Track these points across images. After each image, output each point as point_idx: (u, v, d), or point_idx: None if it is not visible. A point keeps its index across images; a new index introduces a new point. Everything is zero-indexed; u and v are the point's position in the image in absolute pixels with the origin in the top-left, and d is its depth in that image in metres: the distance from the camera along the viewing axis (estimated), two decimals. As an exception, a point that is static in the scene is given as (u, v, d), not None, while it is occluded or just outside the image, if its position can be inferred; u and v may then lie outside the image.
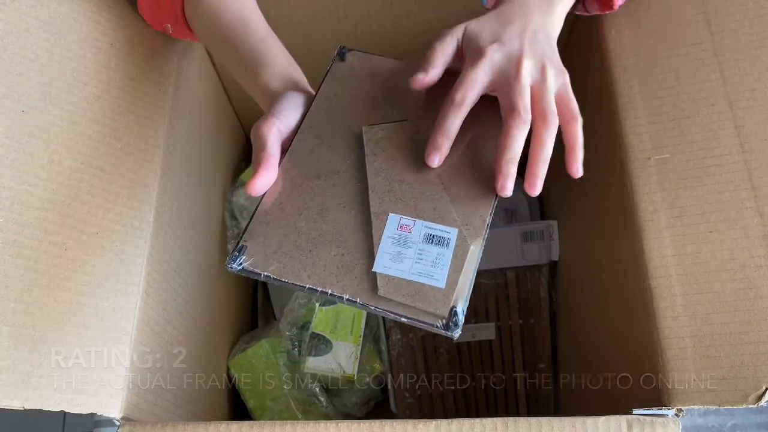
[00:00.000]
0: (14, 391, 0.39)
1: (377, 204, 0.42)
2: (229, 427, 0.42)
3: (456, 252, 0.40)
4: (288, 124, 0.45)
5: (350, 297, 0.39)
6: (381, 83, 0.48)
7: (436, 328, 0.37)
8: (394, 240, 0.40)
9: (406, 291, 0.38)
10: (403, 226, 0.41)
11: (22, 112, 0.44)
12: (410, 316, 0.38)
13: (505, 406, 0.71)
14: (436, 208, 0.41)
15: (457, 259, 0.39)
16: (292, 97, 0.46)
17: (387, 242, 0.40)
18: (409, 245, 0.40)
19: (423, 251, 0.40)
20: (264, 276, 0.40)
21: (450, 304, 0.38)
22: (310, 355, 0.70)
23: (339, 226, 0.41)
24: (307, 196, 0.42)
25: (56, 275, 0.43)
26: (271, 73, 0.48)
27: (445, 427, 0.41)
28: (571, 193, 0.68)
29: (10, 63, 0.44)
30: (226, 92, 0.75)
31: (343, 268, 0.40)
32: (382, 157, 0.44)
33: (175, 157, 0.54)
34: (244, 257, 0.40)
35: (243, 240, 0.41)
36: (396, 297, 0.38)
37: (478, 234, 0.40)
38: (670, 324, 0.43)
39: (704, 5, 0.50)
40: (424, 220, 0.41)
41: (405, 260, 0.39)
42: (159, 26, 0.54)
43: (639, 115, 0.49)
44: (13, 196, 0.42)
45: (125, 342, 0.44)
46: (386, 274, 0.39)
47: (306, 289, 0.39)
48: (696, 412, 0.54)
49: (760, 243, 0.44)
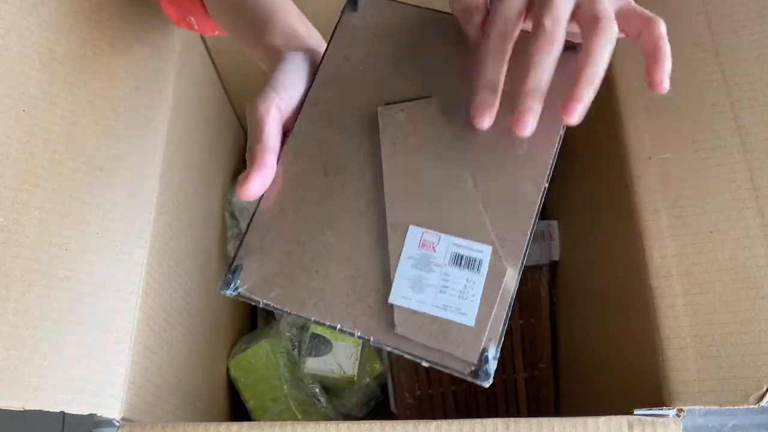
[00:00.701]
0: (14, 391, 0.39)
1: (395, 212, 0.35)
2: (229, 427, 0.41)
3: (489, 277, 0.33)
4: (290, 100, 0.38)
5: (362, 334, 0.33)
6: (402, 40, 0.39)
7: (464, 375, 0.32)
8: (414, 262, 0.34)
9: (428, 329, 0.32)
10: (425, 242, 0.34)
11: (22, 112, 0.44)
12: (434, 360, 0.32)
13: (505, 407, 0.71)
14: (466, 218, 0.34)
15: (489, 288, 0.33)
16: (295, 60, 0.39)
17: (406, 265, 0.34)
18: (432, 269, 0.33)
19: (449, 277, 0.33)
20: (263, 303, 0.34)
21: (480, 347, 0.32)
22: (310, 355, 0.70)
23: (350, 239, 0.35)
24: (312, 199, 0.36)
25: (56, 275, 0.42)
26: (275, 31, 0.41)
27: (446, 428, 0.40)
28: (571, 193, 0.68)
29: (11, 62, 0.44)
30: (226, 92, 0.75)
31: (355, 295, 0.34)
32: (402, 149, 0.36)
33: (175, 157, 0.54)
34: (240, 280, 0.35)
35: (238, 258, 0.35)
36: (416, 337, 0.32)
37: (517, 253, 0.33)
38: (670, 324, 0.43)
39: (705, 5, 0.50)
40: (451, 234, 0.34)
41: (427, 289, 0.33)
42: (183, 22, 0.53)
43: (640, 114, 0.49)
44: (13, 196, 0.42)
45: (125, 342, 0.44)
46: (405, 307, 0.33)
47: (312, 321, 0.34)
48: (697, 412, 0.54)
49: (761, 243, 0.43)
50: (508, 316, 0.33)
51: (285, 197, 0.36)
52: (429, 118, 0.37)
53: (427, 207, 0.35)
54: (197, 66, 0.63)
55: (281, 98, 0.37)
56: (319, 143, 0.37)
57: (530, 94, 0.33)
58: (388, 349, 0.33)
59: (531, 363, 0.72)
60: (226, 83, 0.74)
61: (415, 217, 0.35)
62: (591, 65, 0.32)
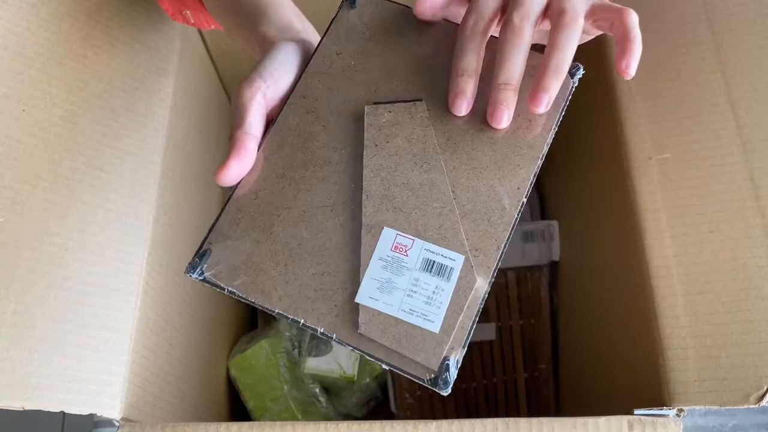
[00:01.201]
0: (14, 391, 0.39)
1: (371, 213, 0.35)
2: (229, 427, 0.41)
3: (458, 286, 0.33)
4: (277, 89, 0.37)
5: (325, 331, 0.33)
6: (397, 41, 0.39)
7: (423, 382, 0.32)
8: (385, 264, 0.33)
9: (392, 332, 0.32)
10: (398, 245, 0.34)
11: (22, 112, 0.44)
12: (394, 363, 0.32)
13: (505, 407, 0.71)
14: (442, 225, 0.34)
15: (458, 297, 0.33)
16: (286, 49, 0.39)
17: (376, 266, 0.33)
18: (402, 272, 0.33)
19: (418, 282, 0.33)
20: (228, 291, 0.34)
21: (442, 354, 0.32)
22: (310, 355, 0.70)
23: (323, 235, 0.35)
24: (289, 192, 0.36)
25: (56, 275, 0.42)
26: (269, 23, 0.41)
27: (446, 428, 0.40)
28: (571, 193, 0.68)
29: (11, 62, 0.44)
30: (226, 92, 0.75)
31: (322, 291, 0.33)
32: (385, 151, 0.36)
33: (175, 157, 0.54)
34: (206, 265, 0.35)
35: (207, 243, 0.35)
36: (379, 338, 0.32)
37: (489, 265, 0.34)
38: (671, 324, 0.43)
39: (705, 5, 0.50)
40: (425, 240, 0.34)
41: (395, 292, 0.33)
42: (179, 15, 0.53)
43: (640, 114, 0.49)
44: (13, 196, 0.42)
45: (125, 342, 0.44)
46: (370, 307, 0.33)
47: (275, 313, 0.33)
48: (697, 412, 0.54)
49: (761, 243, 0.43)
50: (473, 325, 0.32)
51: (262, 186, 0.36)
52: (415, 121, 0.37)
53: (404, 210, 0.35)
54: (197, 66, 0.63)
55: (268, 86, 0.37)
56: (302, 136, 0.37)
57: (502, 88, 0.34)
58: (350, 348, 0.33)
59: (531, 363, 0.72)
60: (226, 83, 0.74)
61: (390, 220, 0.35)
62: (555, 56, 0.34)
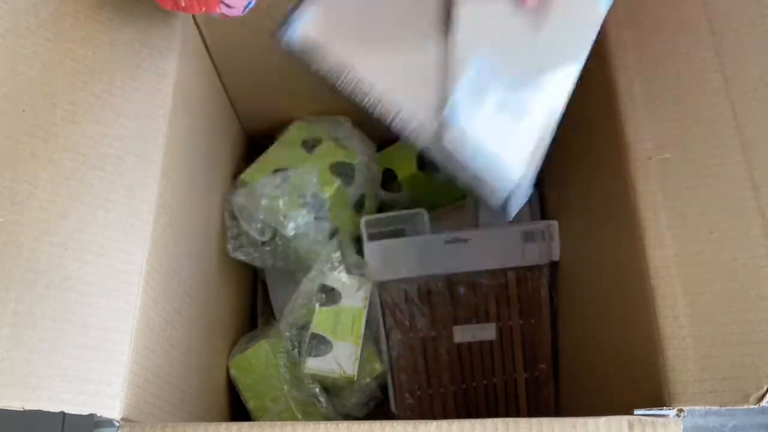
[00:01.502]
0: (14, 391, 0.39)
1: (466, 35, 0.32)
2: (229, 428, 0.41)
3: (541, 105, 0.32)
4: None
5: (414, 133, 0.30)
6: None
7: (492, 205, 0.31)
8: (476, 81, 0.32)
9: (473, 150, 0.31)
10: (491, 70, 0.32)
11: (22, 112, 0.44)
12: (467, 179, 0.31)
13: (505, 407, 0.71)
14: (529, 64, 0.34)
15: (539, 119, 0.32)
16: None
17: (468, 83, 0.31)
18: (492, 93, 0.32)
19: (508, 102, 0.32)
20: (321, 50, 0.30)
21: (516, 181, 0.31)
22: (310, 355, 0.70)
23: (421, 42, 0.32)
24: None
25: (56, 275, 0.42)
26: None
27: (446, 428, 0.40)
28: (571, 193, 0.68)
29: (11, 62, 0.44)
30: (226, 92, 0.75)
31: (416, 90, 0.31)
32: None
33: (175, 157, 0.54)
34: (298, 28, 0.30)
35: (303, 4, 0.32)
36: (460, 153, 0.31)
37: None
38: (671, 324, 0.43)
39: (705, 5, 0.50)
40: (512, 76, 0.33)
41: (486, 106, 0.31)
42: (169, 2, 0.53)
43: (640, 114, 0.49)
44: (13, 196, 0.42)
45: (125, 342, 0.44)
46: (460, 121, 0.31)
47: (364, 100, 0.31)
48: (697, 412, 0.54)
49: (761, 243, 0.43)
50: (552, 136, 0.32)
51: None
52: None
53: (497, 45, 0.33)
54: (197, 66, 0.63)
55: None
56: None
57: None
58: (431, 154, 0.31)
59: (531, 363, 0.71)
60: (226, 83, 0.74)
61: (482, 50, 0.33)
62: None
